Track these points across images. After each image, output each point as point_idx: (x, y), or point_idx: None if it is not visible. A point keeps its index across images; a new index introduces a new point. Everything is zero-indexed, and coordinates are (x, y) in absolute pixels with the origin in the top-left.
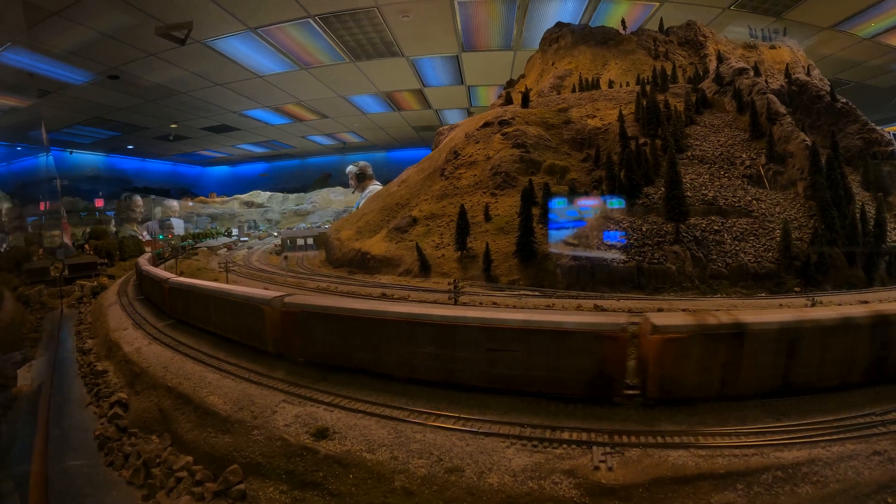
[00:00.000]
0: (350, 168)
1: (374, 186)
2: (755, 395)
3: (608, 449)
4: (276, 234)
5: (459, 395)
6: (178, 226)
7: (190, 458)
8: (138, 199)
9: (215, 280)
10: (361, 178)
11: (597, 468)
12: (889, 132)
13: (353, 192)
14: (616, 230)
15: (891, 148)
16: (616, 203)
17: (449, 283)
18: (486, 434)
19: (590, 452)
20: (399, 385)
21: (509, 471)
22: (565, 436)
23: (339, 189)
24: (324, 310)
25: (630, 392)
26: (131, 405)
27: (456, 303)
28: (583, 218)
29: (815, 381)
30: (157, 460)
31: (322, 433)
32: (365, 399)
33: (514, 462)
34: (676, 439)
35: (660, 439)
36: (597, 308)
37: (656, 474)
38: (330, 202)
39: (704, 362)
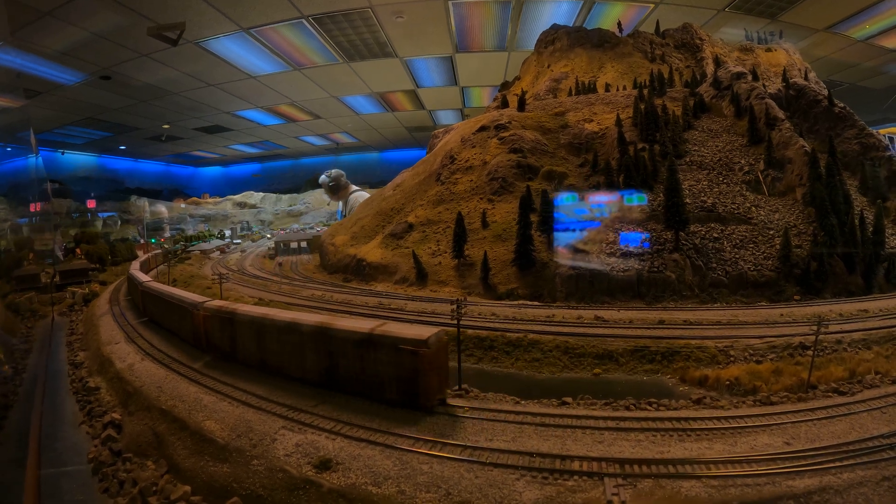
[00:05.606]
0: (322, 178)
1: (357, 192)
2: (247, 363)
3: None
4: (269, 235)
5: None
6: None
7: (188, 488)
8: (145, 202)
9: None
10: (336, 189)
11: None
12: (884, 135)
13: (328, 204)
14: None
15: (888, 153)
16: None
17: (452, 306)
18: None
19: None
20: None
21: None
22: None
23: None
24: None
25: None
26: (125, 427)
27: (459, 322)
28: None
29: (284, 367)
30: (154, 489)
31: (325, 464)
32: None
33: None
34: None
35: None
36: (597, 319)
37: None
38: (323, 203)
39: (220, 333)
